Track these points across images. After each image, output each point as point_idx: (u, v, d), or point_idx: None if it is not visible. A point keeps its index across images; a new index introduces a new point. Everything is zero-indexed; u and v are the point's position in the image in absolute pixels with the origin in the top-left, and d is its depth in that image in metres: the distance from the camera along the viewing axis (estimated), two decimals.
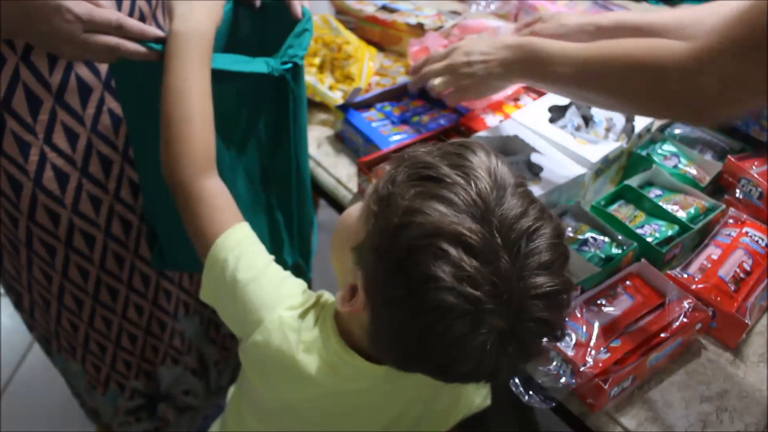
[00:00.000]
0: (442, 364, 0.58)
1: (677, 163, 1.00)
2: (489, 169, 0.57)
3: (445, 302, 0.53)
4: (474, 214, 0.54)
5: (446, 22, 1.28)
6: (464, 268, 0.53)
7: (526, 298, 0.55)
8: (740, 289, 0.84)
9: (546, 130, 0.99)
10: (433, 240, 0.53)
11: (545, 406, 0.79)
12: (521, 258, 0.55)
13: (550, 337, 0.60)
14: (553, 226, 0.58)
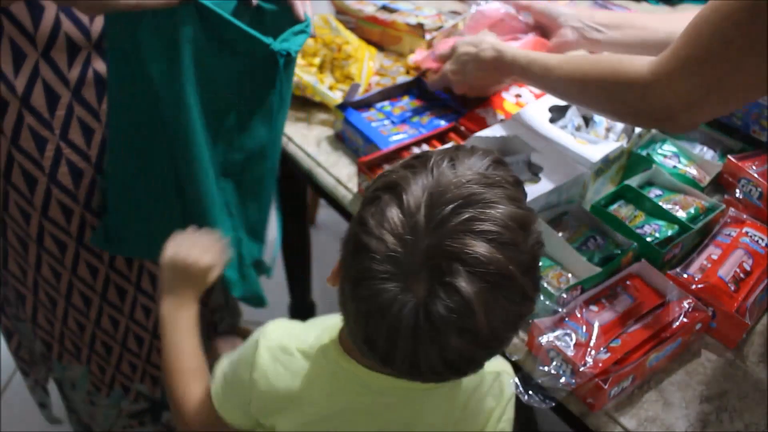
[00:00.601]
0: (357, 318, 0.58)
1: (677, 163, 1.00)
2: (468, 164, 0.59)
3: (361, 240, 0.56)
4: (423, 182, 0.57)
5: (446, 22, 1.28)
6: (384, 210, 0.55)
7: (444, 255, 0.53)
8: (740, 289, 0.84)
9: (546, 130, 0.99)
10: (380, 190, 0.58)
11: (545, 406, 0.79)
12: (444, 217, 0.54)
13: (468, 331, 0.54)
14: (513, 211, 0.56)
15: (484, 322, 0.54)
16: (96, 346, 1.19)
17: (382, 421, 0.71)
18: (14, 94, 0.88)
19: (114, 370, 1.24)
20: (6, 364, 1.71)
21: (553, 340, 0.79)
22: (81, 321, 1.14)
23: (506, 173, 0.60)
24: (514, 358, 0.83)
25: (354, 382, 0.69)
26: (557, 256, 0.88)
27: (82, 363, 1.22)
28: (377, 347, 0.58)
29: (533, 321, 0.80)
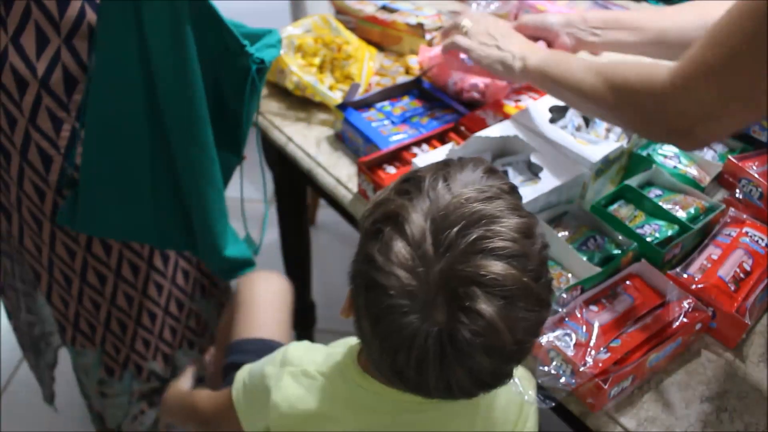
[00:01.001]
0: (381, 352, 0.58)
1: (677, 164, 1.00)
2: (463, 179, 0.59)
3: (372, 278, 0.56)
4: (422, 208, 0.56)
5: (446, 22, 1.28)
6: (390, 246, 0.55)
7: (460, 280, 0.53)
8: (740, 289, 0.84)
9: (546, 130, 0.99)
10: (380, 223, 0.57)
11: (545, 406, 0.79)
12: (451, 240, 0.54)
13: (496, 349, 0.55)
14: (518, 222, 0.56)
15: (510, 338, 0.54)
16: (111, 325, 1.21)
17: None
18: (34, 75, 0.91)
19: (129, 350, 1.26)
20: (6, 364, 1.71)
21: (553, 340, 0.79)
22: (96, 300, 1.17)
23: (501, 181, 0.60)
24: None
25: (374, 400, 0.69)
26: (557, 256, 0.88)
27: (96, 344, 1.24)
28: (408, 378, 0.58)
29: None
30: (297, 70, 1.16)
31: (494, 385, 0.60)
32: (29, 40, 0.89)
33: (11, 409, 1.63)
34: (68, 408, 1.61)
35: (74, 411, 1.60)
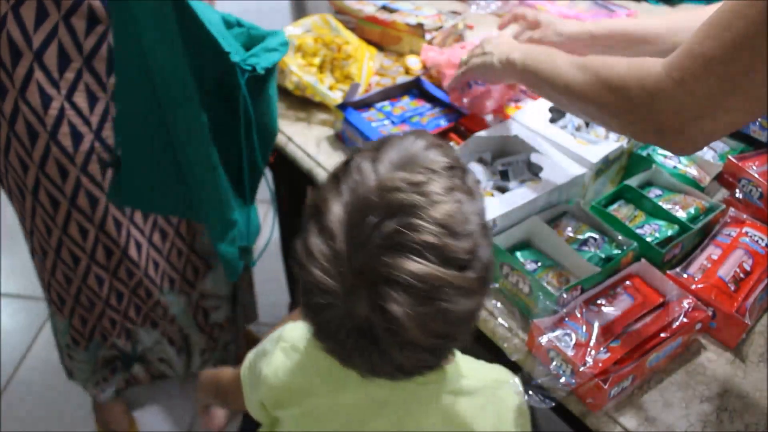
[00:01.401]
0: (331, 351, 0.60)
1: (677, 164, 1.00)
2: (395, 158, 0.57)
3: (301, 276, 0.56)
4: (344, 197, 0.55)
5: (446, 22, 1.28)
6: (308, 240, 0.55)
7: (375, 278, 0.52)
8: (740, 289, 0.84)
9: (546, 130, 0.99)
10: (308, 213, 0.57)
11: (545, 406, 0.79)
12: (365, 236, 0.52)
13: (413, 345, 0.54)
14: (446, 210, 0.53)
15: (421, 335, 0.53)
16: (81, 300, 1.25)
17: (378, 419, 0.71)
18: (30, 47, 0.93)
19: (95, 322, 1.30)
20: (6, 364, 1.71)
21: (553, 340, 0.79)
22: (69, 275, 1.20)
23: (443, 158, 0.58)
24: (514, 358, 0.83)
25: (348, 377, 0.68)
26: (557, 256, 0.88)
27: (65, 316, 1.28)
28: (338, 357, 0.60)
29: (533, 321, 0.81)
30: (297, 70, 1.16)
31: (420, 372, 0.60)
32: (29, 11, 0.91)
33: (11, 409, 1.63)
34: (68, 408, 1.61)
35: (74, 411, 1.60)
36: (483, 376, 0.74)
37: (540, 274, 0.85)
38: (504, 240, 0.88)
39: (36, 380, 1.68)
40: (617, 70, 0.72)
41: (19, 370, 1.71)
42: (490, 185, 0.95)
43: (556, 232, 0.90)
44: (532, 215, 0.90)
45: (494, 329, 0.87)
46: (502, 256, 0.86)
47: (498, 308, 0.88)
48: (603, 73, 0.74)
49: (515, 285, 0.86)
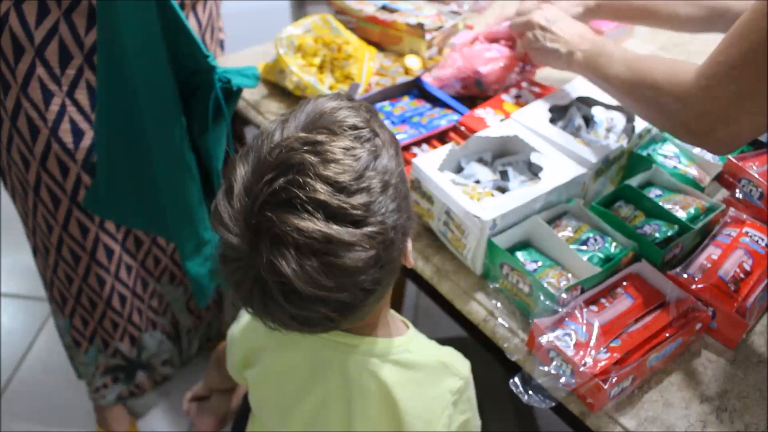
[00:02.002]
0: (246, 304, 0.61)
1: (677, 164, 1.00)
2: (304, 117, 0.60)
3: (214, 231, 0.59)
4: (251, 155, 0.58)
5: (446, 22, 1.28)
6: (218, 198, 0.58)
7: (268, 235, 0.54)
8: (740, 289, 0.84)
9: (546, 130, 0.99)
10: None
11: (545, 406, 0.79)
12: (257, 191, 0.55)
13: (303, 297, 0.56)
14: (343, 167, 0.55)
15: (306, 287, 0.55)
16: (82, 300, 1.24)
17: (326, 380, 0.73)
18: (31, 43, 0.94)
19: (96, 325, 1.29)
20: (6, 364, 1.71)
21: (553, 340, 0.79)
22: (69, 274, 1.20)
23: (351, 119, 0.59)
24: (514, 358, 0.83)
25: (295, 338, 0.70)
26: (557, 256, 0.88)
27: (66, 316, 1.28)
28: (250, 310, 0.62)
29: (533, 321, 0.81)
30: (297, 70, 1.16)
31: (324, 326, 0.61)
32: (31, 7, 0.91)
33: (11, 409, 1.63)
34: (68, 408, 1.61)
35: (74, 411, 1.60)
36: (429, 354, 0.75)
37: (540, 274, 0.85)
38: (504, 240, 0.88)
39: (36, 380, 1.68)
40: (656, 76, 0.77)
41: (19, 370, 1.71)
42: (490, 185, 0.95)
43: (556, 232, 0.90)
44: (532, 215, 0.90)
45: (494, 329, 0.87)
46: (502, 257, 0.86)
47: (498, 308, 0.88)
48: (645, 77, 0.79)
49: (515, 285, 0.86)
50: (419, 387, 0.73)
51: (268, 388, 0.79)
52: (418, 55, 1.26)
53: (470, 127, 1.05)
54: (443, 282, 0.94)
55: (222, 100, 0.92)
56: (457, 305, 0.92)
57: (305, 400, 0.75)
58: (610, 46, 0.91)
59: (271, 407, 0.80)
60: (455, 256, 0.95)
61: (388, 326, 0.74)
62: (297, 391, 0.75)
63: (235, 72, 0.94)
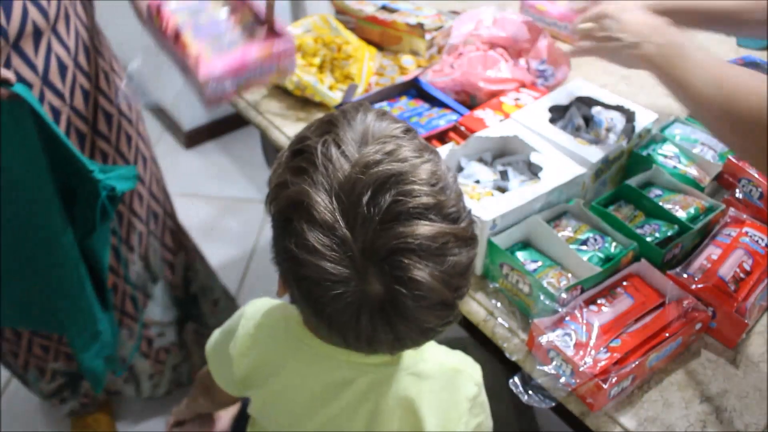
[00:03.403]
0: (337, 330, 0.58)
1: (677, 164, 1.00)
2: (356, 137, 0.56)
3: (299, 272, 0.55)
4: (323, 186, 0.54)
5: (446, 22, 1.28)
6: (305, 238, 0.53)
7: (386, 252, 0.52)
8: (740, 289, 0.84)
9: (546, 130, 0.99)
10: (287, 212, 0.56)
11: (545, 406, 0.79)
12: (363, 216, 0.52)
13: (440, 304, 0.55)
14: (426, 170, 0.54)
15: (449, 292, 0.55)
16: (5, 334, 1.21)
17: (337, 399, 0.72)
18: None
19: (26, 353, 1.26)
20: None
21: (553, 340, 0.79)
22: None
23: (395, 125, 0.58)
24: (514, 358, 0.83)
25: (312, 358, 0.71)
26: (557, 256, 0.88)
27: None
28: (344, 343, 0.60)
29: (533, 321, 0.81)
30: (297, 70, 1.16)
31: (441, 330, 0.60)
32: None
33: (11, 409, 1.63)
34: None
35: None
36: (442, 362, 0.75)
37: (540, 274, 0.85)
38: (504, 240, 0.88)
39: None
40: (752, 103, 0.67)
41: None
42: (490, 185, 0.95)
43: (556, 232, 0.90)
44: (532, 215, 0.90)
45: (494, 329, 0.87)
46: (502, 256, 0.86)
47: (498, 308, 0.88)
48: (740, 102, 0.68)
49: (515, 285, 0.86)
50: (437, 396, 0.72)
51: (276, 407, 0.77)
52: (413, 55, 1.26)
53: (470, 128, 1.05)
54: None
55: (108, 205, 0.94)
56: None
57: (313, 419, 0.74)
58: (692, 47, 0.78)
59: (278, 423, 0.78)
60: None
61: None
62: (306, 411, 0.74)
63: (117, 178, 0.96)
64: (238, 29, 1.00)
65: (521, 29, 1.23)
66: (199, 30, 0.97)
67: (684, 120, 1.09)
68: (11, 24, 0.88)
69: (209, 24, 0.99)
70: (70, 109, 1.04)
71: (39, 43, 0.94)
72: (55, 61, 0.97)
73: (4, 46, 0.89)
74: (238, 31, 0.99)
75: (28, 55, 0.93)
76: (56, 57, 0.97)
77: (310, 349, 0.71)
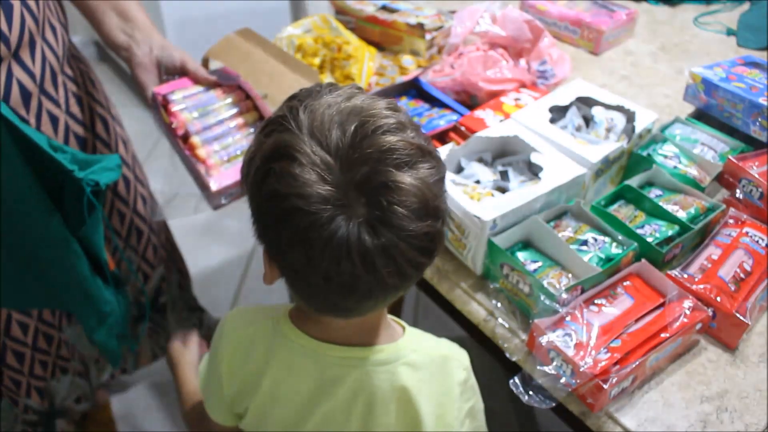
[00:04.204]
0: (325, 273, 0.58)
1: (678, 164, 1.00)
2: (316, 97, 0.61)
3: (284, 208, 0.56)
4: (296, 132, 0.58)
5: (446, 22, 1.28)
6: (288, 173, 0.56)
7: (365, 166, 0.55)
8: (740, 289, 0.84)
9: (546, 130, 0.99)
10: (266, 164, 0.58)
11: (545, 406, 0.79)
12: (337, 138, 0.56)
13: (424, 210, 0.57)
14: (384, 103, 0.60)
15: (431, 193, 0.57)
16: None
17: (332, 397, 0.72)
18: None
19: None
20: None
21: (554, 340, 0.79)
22: None
23: (348, 87, 0.62)
24: (515, 358, 0.83)
25: (301, 358, 0.71)
26: (557, 256, 0.88)
27: None
28: (321, 298, 0.61)
29: (533, 321, 0.80)
30: None
31: (434, 250, 0.61)
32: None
33: None
34: None
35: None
36: (432, 349, 0.75)
37: (540, 274, 0.85)
38: (504, 240, 0.88)
39: None
40: None
41: None
42: (491, 185, 0.95)
43: (556, 232, 0.90)
44: (532, 215, 0.90)
45: (494, 329, 0.87)
46: (503, 257, 0.86)
47: (498, 308, 0.88)
48: None
49: (515, 285, 0.86)
50: (430, 385, 0.73)
51: (269, 415, 0.77)
52: (413, 55, 1.26)
53: (470, 128, 1.05)
54: (443, 282, 0.94)
55: (93, 199, 0.93)
56: (457, 305, 0.92)
57: (309, 420, 0.74)
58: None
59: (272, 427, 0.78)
60: (455, 256, 0.95)
61: (388, 330, 0.73)
62: (301, 413, 0.74)
63: (100, 170, 0.95)
64: (244, 132, 1.03)
65: (523, 28, 1.23)
66: (208, 135, 1.01)
67: (684, 120, 1.09)
68: (12, 31, 0.87)
69: (217, 127, 1.03)
70: (67, 115, 1.04)
71: (34, 50, 0.94)
72: (48, 69, 0.97)
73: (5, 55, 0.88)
74: (244, 135, 1.03)
75: (26, 63, 0.92)
76: (49, 64, 0.97)
77: (299, 348, 0.71)
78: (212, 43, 1.18)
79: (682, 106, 1.17)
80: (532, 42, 1.24)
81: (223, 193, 0.99)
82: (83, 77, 1.11)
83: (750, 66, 1.12)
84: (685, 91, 1.10)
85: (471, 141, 0.98)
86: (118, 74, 2.92)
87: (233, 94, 1.06)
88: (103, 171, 0.95)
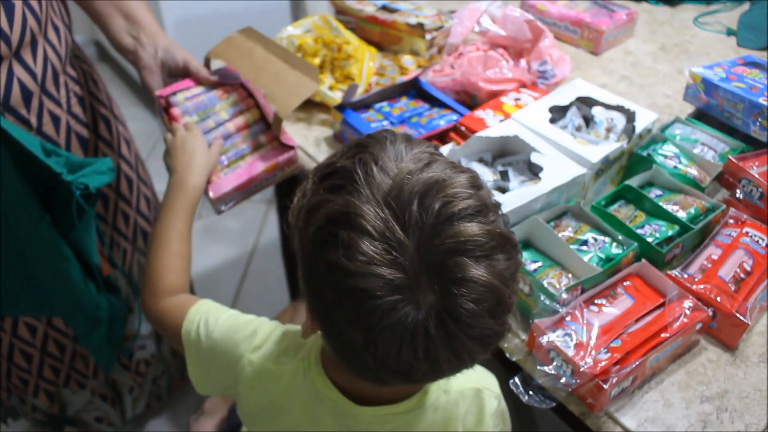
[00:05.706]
0: (382, 358, 0.54)
1: (678, 164, 1.00)
2: (391, 156, 0.56)
3: (348, 286, 0.52)
4: (369, 197, 0.53)
5: (446, 22, 1.28)
6: (356, 247, 0.51)
7: (441, 254, 0.51)
8: (740, 289, 0.84)
9: (546, 130, 0.99)
10: (330, 227, 0.53)
11: (545, 406, 0.79)
12: (415, 218, 0.51)
13: (497, 304, 0.53)
14: (465, 177, 0.55)
15: (507, 290, 0.54)
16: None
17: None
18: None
19: (6, 382, 1.24)
20: None
21: (553, 340, 0.79)
22: None
23: (425, 146, 0.59)
24: (514, 358, 0.83)
25: (331, 411, 0.69)
26: (557, 256, 0.88)
27: None
28: (374, 373, 0.57)
29: (533, 321, 0.80)
30: None
31: (497, 344, 0.58)
32: None
33: None
34: None
35: None
36: (462, 385, 0.74)
37: (540, 274, 0.85)
38: None
39: None
40: None
41: None
42: (490, 185, 0.95)
43: (556, 232, 0.90)
44: (532, 215, 0.90)
45: None
46: None
47: None
48: None
49: None
50: (464, 422, 0.72)
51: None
52: (413, 55, 1.26)
53: (470, 128, 1.05)
54: None
55: (83, 202, 0.93)
56: None
57: None
58: None
59: None
60: None
61: None
62: None
63: (90, 173, 0.94)
64: (245, 134, 1.03)
65: (523, 28, 1.23)
66: (207, 139, 1.01)
67: (684, 120, 1.09)
68: (13, 30, 0.87)
69: (216, 131, 1.03)
70: (69, 116, 1.04)
71: (36, 50, 0.93)
72: (50, 69, 0.97)
73: (6, 54, 0.88)
74: (245, 138, 1.03)
75: (27, 63, 0.92)
76: (51, 64, 0.97)
77: (329, 402, 0.68)
78: (212, 43, 1.17)
79: (682, 106, 1.17)
80: (532, 42, 1.24)
81: (221, 201, 0.98)
82: (86, 77, 1.11)
83: (750, 66, 1.12)
84: (685, 91, 1.10)
85: (471, 141, 0.98)
86: (118, 74, 2.93)
87: (235, 93, 1.06)
88: (94, 174, 0.95)
